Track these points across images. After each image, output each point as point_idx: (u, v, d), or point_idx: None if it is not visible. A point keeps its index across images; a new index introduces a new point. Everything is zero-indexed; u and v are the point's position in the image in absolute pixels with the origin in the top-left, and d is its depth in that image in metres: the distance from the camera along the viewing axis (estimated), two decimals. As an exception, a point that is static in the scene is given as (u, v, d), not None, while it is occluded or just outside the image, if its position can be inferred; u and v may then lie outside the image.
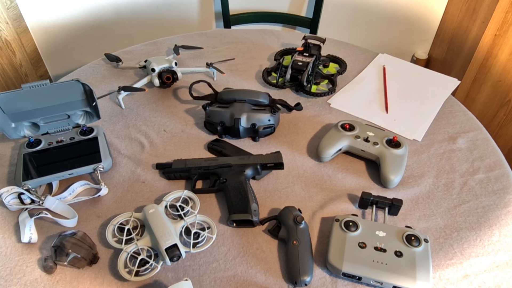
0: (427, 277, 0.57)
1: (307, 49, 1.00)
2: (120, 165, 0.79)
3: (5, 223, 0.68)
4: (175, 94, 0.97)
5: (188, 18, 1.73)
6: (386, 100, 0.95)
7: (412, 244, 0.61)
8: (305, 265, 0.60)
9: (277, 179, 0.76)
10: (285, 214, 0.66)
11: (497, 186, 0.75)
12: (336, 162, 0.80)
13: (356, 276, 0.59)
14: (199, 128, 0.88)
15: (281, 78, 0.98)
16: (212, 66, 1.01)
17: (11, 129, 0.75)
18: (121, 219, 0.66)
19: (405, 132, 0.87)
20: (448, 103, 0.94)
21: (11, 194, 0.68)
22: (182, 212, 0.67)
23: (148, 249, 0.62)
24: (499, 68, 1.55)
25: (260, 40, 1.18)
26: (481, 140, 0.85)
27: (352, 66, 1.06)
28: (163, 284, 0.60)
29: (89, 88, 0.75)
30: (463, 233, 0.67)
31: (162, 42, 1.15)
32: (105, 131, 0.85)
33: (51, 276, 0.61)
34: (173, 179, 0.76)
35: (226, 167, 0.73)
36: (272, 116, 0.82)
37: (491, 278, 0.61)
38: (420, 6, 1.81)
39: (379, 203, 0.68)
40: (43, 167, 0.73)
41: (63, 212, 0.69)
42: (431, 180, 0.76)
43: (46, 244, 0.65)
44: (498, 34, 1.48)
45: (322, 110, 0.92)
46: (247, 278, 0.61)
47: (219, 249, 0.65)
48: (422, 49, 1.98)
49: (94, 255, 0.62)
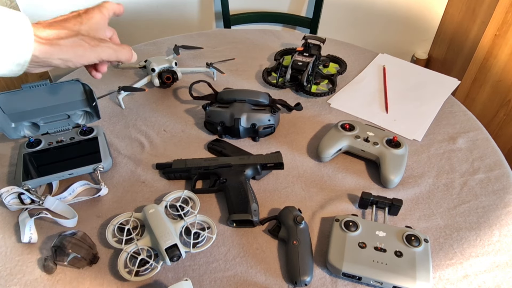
0: (427, 277, 0.57)
1: (307, 49, 1.00)
2: (120, 165, 0.79)
3: (5, 223, 0.68)
4: (175, 94, 0.97)
5: (188, 18, 1.73)
6: (386, 100, 0.95)
7: (412, 244, 0.61)
8: (305, 265, 0.60)
9: (277, 179, 0.76)
10: (285, 214, 0.66)
11: (497, 186, 0.75)
12: (336, 162, 0.80)
13: (356, 276, 0.59)
14: (199, 128, 0.88)
15: (281, 78, 0.98)
16: (212, 66, 1.01)
17: (11, 129, 0.75)
18: (121, 219, 0.66)
19: (405, 132, 0.87)
20: (448, 103, 0.94)
21: (11, 194, 0.68)
22: (182, 212, 0.67)
23: (148, 249, 0.62)
24: (499, 68, 1.55)
25: (260, 40, 1.18)
26: (481, 140, 0.85)
27: (352, 66, 1.06)
28: (163, 284, 0.60)
29: (89, 88, 0.75)
30: (463, 233, 0.67)
31: (162, 42, 1.15)
32: (105, 131, 0.85)
33: (51, 276, 0.61)
34: (173, 179, 0.76)
35: (226, 167, 0.73)
36: (272, 116, 0.82)
37: (491, 278, 0.61)
38: (420, 6, 1.81)
39: (379, 203, 0.68)
40: (43, 167, 0.73)
41: (63, 212, 0.69)
42: (431, 180, 0.76)
43: (46, 244, 0.65)
44: (498, 34, 1.48)
45: (322, 110, 0.92)
46: (247, 278, 0.61)
47: (219, 249, 0.65)
48: (422, 49, 1.98)
49: (94, 255, 0.62)
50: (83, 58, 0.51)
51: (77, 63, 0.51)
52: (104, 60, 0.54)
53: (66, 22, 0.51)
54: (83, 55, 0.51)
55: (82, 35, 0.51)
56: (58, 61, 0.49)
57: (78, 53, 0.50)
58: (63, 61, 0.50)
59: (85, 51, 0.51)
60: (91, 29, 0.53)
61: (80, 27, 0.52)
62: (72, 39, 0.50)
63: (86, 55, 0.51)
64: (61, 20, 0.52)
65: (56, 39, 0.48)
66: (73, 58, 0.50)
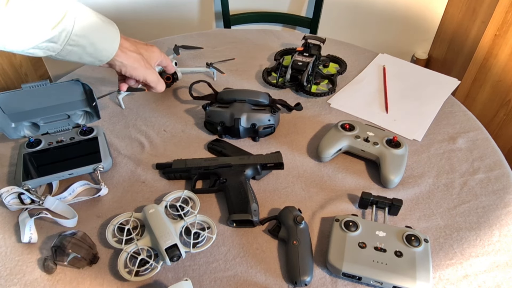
0: (427, 277, 0.57)
1: (307, 49, 1.00)
2: (120, 165, 0.79)
3: (5, 223, 0.68)
4: (175, 94, 0.97)
5: (188, 18, 1.73)
6: (386, 100, 0.95)
7: (412, 244, 0.61)
8: (305, 265, 0.60)
9: (277, 179, 0.76)
10: (285, 214, 0.66)
11: (497, 186, 0.75)
12: (336, 162, 0.80)
13: (356, 276, 0.59)
14: (199, 128, 0.88)
15: (281, 78, 0.98)
16: (212, 66, 1.01)
17: (11, 129, 0.75)
18: (121, 219, 0.66)
19: (405, 132, 0.87)
20: (448, 103, 0.94)
21: (11, 194, 0.68)
22: (182, 212, 0.67)
23: (148, 249, 0.62)
24: (499, 68, 1.55)
25: (260, 40, 1.18)
26: (481, 140, 0.85)
27: (352, 66, 1.06)
28: (163, 284, 0.60)
29: (89, 88, 0.75)
30: (463, 233, 0.67)
31: (162, 42, 1.15)
32: (105, 131, 0.85)
33: (51, 276, 0.61)
34: (173, 179, 0.76)
35: (226, 167, 0.73)
36: (272, 116, 0.82)
37: (491, 278, 0.61)
38: (420, 6, 1.81)
39: (379, 203, 0.68)
40: (43, 167, 0.73)
41: (63, 212, 0.69)
42: (431, 180, 0.76)
43: (46, 244, 0.65)
44: (498, 34, 1.48)
45: (322, 110, 0.92)
46: (247, 278, 0.61)
47: (219, 249, 0.65)
48: (422, 49, 1.98)
49: (94, 255, 0.62)
50: (135, 70, 0.70)
51: (129, 71, 0.70)
52: (147, 81, 0.73)
53: (137, 43, 0.73)
54: (137, 68, 0.70)
55: (143, 57, 0.72)
56: (118, 63, 0.68)
57: (134, 65, 0.70)
58: (121, 65, 0.68)
59: (139, 66, 0.71)
60: (149, 57, 0.75)
61: (144, 52, 0.73)
62: (136, 54, 0.70)
63: (138, 69, 0.71)
64: (135, 41, 0.73)
65: (127, 49, 0.68)
66: (128, 66, 0.69)
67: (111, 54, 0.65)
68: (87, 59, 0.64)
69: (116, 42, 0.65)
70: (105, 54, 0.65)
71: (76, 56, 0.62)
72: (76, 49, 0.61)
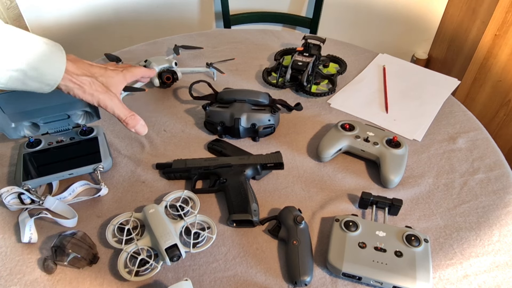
0: (427, 277, 0.57)
1: (307, 49, 1.00)
2: (120, 165, 0.79)
3: (5, 223, 0.68)
4: (175, 94, 0.97)
5: (188, 18, 1.73)
6: (386, 100, 0.95)
7: (412, 244, 0.61)
8: (305, 265, 0.60)
9: (277, 179, 0.76)
10: (285, 214, 0.66)
11: (497, 186, 0.75)
12: (336, 162, 0.80)
13: (356, 276, 0.59)
14: (199, 128, 0.88)
15: (281, 78, 0.98)
16: (212, 66, 1.01)
17: (11, 129, 0.75)
18: (121, 219, 0.66)
19: (405, 132, 0.87)
20: (448, 103, 0.94)
21: (11, 194, 0.68)
22: (182, 212, 0.67)
23: (148, 249, 0.62)
24: (499, 68, 1.55)
25: (260, 40, 1.18)
26: (481, 140, 0.85)
27: (352, 66, 1.06)
28: (163, 284, 0.60)
29: (89, 88, 0.74)
30: (463, 233, 0.67)
31: (162, 42, 1.15)
32: (105, 131, 0.85)
33: (51, 276, 0.61)
34: (173, 179, 0.76)
35: (226, 167, 0.73)
36: (272, 116, 0.82)
37: (491, 278, 0.61)
38: (420, 6, 1.81)
39: (379, 203, 0.68)
40: (43, 167, 0.73)
41: (63, 212, 0.69)
42: (431, 180, 0.76)
43: (46, 244, 0.65)
44: (498, 34, 1.48)
45: (322, 110, 0.92)
46: (247, 278, 0.61)
47: (219, 249, 0.65)
48: (422, 49, 1.98)
49: (94, 255, 0.62)
50: (84, 94, 0.63)
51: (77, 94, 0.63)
52: (102, 106, 0.65)
53: (92, 67, 0.65)
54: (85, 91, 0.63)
55: (95, 80, 0.64)
56: (63, 86, 0.61)
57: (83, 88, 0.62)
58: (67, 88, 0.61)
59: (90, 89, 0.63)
60: (106, 82, 0.66)
61: (97, 76, 0.65)
62: (85, 77, 0.62)
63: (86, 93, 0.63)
64: (90, 64, 0.65)
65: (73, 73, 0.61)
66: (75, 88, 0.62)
67: (59, 77, 0.59)
68: (32, 85, 0.57)
69: (62, 63, 0.59)
70: (51, 78, 0.58)
71: (19, 82, 0.56)
72: (16, 74, 0.55)
